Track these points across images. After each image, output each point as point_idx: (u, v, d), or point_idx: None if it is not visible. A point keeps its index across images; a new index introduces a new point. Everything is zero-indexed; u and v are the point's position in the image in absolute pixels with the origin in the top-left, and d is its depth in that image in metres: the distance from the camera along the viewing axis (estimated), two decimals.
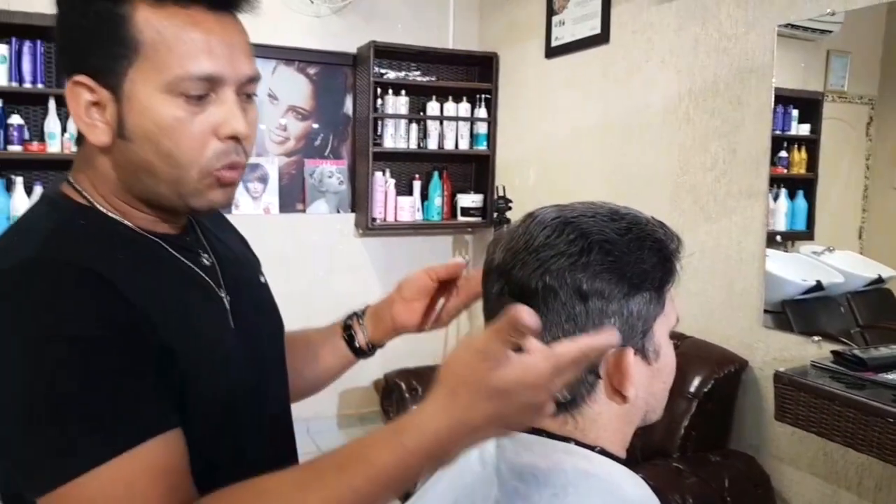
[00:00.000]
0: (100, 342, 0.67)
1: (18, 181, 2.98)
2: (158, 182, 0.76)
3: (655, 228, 0.72)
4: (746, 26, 2.30)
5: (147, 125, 0.73)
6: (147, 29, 0.72)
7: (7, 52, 2.94)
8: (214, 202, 0.79)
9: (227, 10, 0.76)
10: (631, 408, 0.73)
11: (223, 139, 0.76)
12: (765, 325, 2.26)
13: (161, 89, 0.72)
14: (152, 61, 0.72)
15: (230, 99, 0.75)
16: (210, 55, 0.73)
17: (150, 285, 0.75)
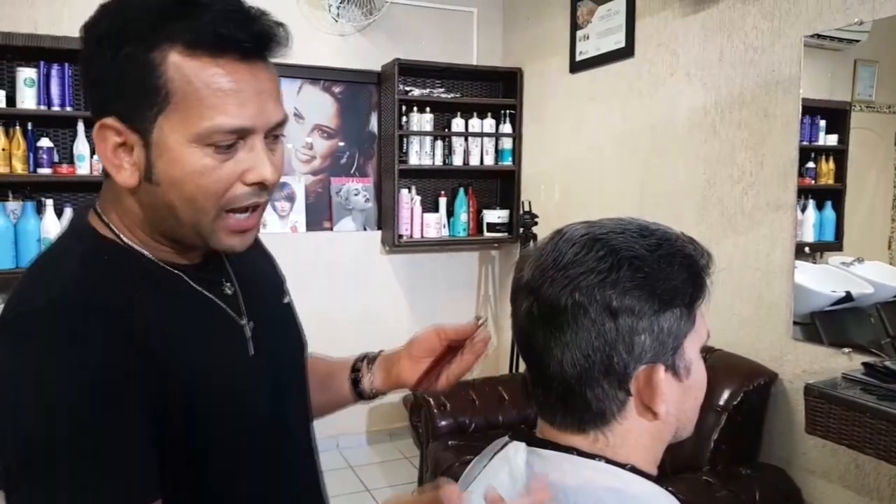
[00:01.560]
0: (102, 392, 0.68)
1: (49, 204, 3.00)
2: (181, 224, 0.76)
3: (685, 244, 0.73)
4: (773, 37, 2.29)
5: (175, 173, 0.73)
6: (178, 78, 0.71)
7: (35, 76, 2.97)
8: (230, 247, 0.79)
9: (256, 57, 0.75)
10: (662, 425, 0.73)
11: (249, 184, 0.76)
12: (794, 338, 2.24)
13: (191, 139, 0.72)
14: (182, 111, 0.71)
15: (258, 147, 0.75)
16: (240, 107, 0.73)
17: (167, 325, 0.76)
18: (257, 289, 0.91)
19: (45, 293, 0.72)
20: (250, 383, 0.84)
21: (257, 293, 0.90)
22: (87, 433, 0.67)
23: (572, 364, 0.70)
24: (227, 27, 0.71)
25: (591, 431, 0.72)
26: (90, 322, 0.70)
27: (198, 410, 0.76)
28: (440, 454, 2.67)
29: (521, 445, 0.77)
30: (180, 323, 0.78)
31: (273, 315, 0.93)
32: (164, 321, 0.76)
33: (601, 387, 0.70)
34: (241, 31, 0.72)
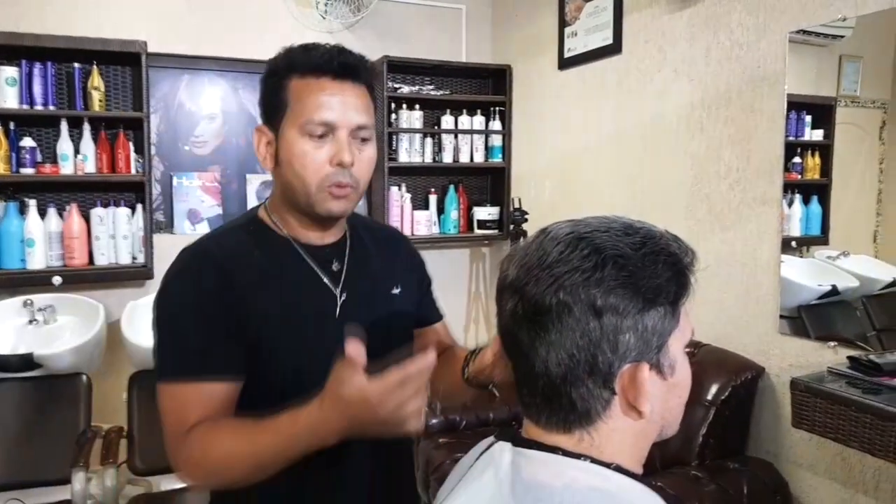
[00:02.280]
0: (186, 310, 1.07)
1: (32, 204, 2.97)
2: (296, 194, 1.11)
3: (669, 242, 0.73)
4: (758, 34, 2.30)
5: (287, 155, 1.09)
6: (294, 92, 1.08)
7: (17, 75, 2.92)
8: (331, 209, 1.11)
9: (346, 79, 1.08)
10: (647, 423, 0.73)
11: (334, 165, 1.08)
12: (781, 332, 2.25)
13: (297, 131, 1.08)
14: (294, 112, 1.08)
15: (342, 139, 1.08)
16: (328, 109, 1.07)
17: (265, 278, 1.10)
18: (366, 273, 1.20)
19: (196, 242, 1.15)
20: (328, 339, 1.08)
21: (364, 276, 1.19)
22: (175, 324, 1.08)
23: (557, 363, 0.70)
24: (325, 59, 1.08)
25: (576, 431, 0.72)
26: (202, 263, 1.10)
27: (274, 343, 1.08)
28: (431, 452, 2.66)
29: (506, 445, 0.77)
30: (281, 279, 1.12)
31: (370, 295, 1.20)
32: (267, 277, 1.10)
33: (586, 386, 0.70)
34: (333, 62, 1.08)
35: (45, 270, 2.98)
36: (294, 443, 0.95)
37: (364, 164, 1.11)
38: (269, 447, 0.97)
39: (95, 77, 3.05)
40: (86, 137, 3.05)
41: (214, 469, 1.01)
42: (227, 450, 1.00)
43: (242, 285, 1.08)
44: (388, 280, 1.25)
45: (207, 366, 1.05)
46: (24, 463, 2.54)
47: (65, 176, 3.02)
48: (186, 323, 1.07)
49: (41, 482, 2.50)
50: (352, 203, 1.13)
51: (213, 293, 1.07)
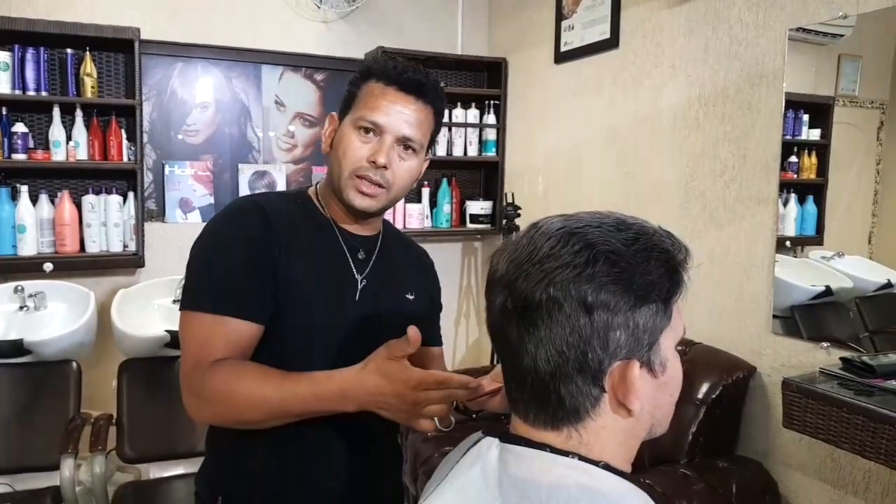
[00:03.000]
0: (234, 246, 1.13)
1: (24, 190, 2.96)
2: (332, 177, 1.20)
3: (663, 239, 0.72)
4: (757, 31, 2.28)
5: (338, 142, 1.20)
6: (363, 92, 1.18)
7: (10, 60, 2.90)
8: (352, 201, 1.18)
9: (410, 93, 1.17)
10: (636, 422, 0.72)
11: (368, 162, 1.16)
12: (773, 332, 2.24)
13: (352, 123, 1.17)
14: (357, 108, 1.18)
15: (386, 142, 1.16)
16: (383, 113, 1.16)
17: (300, 244, 1.18)
18: (389, 269, 1.28)
19: (246, 195, 1.27)
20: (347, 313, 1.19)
21: (386, 273, 1.27)
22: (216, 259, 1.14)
23: (546, 360, 0.69)
24: (397, 71, 1.17)
25: (564, 428, 0.71)
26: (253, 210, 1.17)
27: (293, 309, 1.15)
28: (419, 445, 2.66)
29: (494, 441, 0.76)
30: (313, 250, 1.20)
31: (387, 291, 1.27)
32: (302, 243, 1.18)
33: (575, 383, 0.69)
34: (402, 75, 1.17)
35: (36, 257, 2.97)
36: (321, 398, 1.01)
37: (402, 171, 1.19)
38: (297, 396, 1.02)
39: (88, 63, 3.03)
40: (78, 124, 3.03)
41: (236, 405, 1.05)
42: (253, 389, 1.04)
43: (281, 242, 1.15)
44: (405, 285, 1.32)
45: (242, 303, 1.10)
46: (13, 449, 2.53)
47: (56, 162, 3.00)
48: (229, 260, 1.13)
49: (30, 468, 2.50)
50: (378, 203, 1.19)
51: (260, 237, 1.14)
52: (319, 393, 1.01)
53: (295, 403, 1.02)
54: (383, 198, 1.19)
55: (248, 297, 1.11)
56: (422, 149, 1.21)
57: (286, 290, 1.14)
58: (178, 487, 2.48)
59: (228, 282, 1.11)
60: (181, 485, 2.48)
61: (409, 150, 1.18)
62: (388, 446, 1.34)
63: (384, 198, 1.19)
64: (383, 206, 1.21)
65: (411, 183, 1.24)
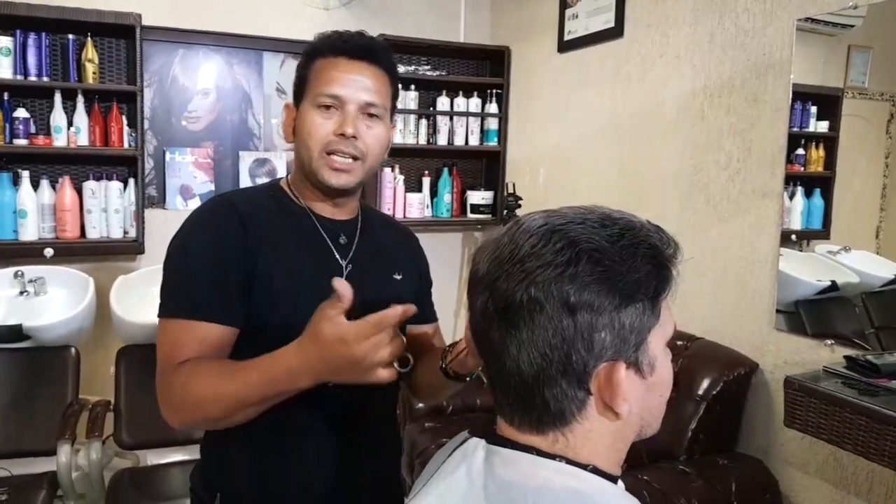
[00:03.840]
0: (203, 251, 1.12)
1: (25, 175, 2.97)
2: (303, 162, 1.18)
3: (650, 234, 0.68)
4: (764, 21, 2.24)
5: (300, 125, 1.17)
6: (314, 71, 1.17)
7: (11, 45, 2.90)
8: (328, 180, 1.16)
9: (361, 59, 1.16)
10: (625, 424, 0.69)
11: (336, 134, 1.14)
12: (776, 328, 2.21)
13: (310, 103, 1.16)
14: (311, 88, 1.16)
15: (348, 112, 1.14)
16: (339, 84, 1.14)
17: (278, 238, 1.15)
18: (372, 253, 1.25)
19: (219, 195, 1.23)
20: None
21: (370, 255, 1.24)
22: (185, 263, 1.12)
23: (529, 363, 0.66)
24: (342, 41, 1.17)
25: (550, 432, 0.69)
26: (225, 211, 1.15)
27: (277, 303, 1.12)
28: (416, 436, 2.65)
29: (480, 443, 0.74)
30: (292, 243, 1.17)
31: (373, 273, 1.24)
32: (279, 238, 1.16)
33: (559, 386, 0.67)
34: (349, 43, 1.17)
35: (37, 242, 2.98)
36: (273, 380, 0.97)
37: (371, 139, 1.16)
38: (250, 385, 0.99)
39: (90, 49, 3.02)
40: (79, 110, 3.03)
41: (196, 404, 1.03)
42: (208, 385, 1.01)
43: (257, 241, 1.13)
44: (391, 265, 1.29)
45: (208, 307, 1.08)
46: (11, 433, 2.54)
47: (58, 148, 3.00)
48: (197, 265, 1.11)
49: (27, 453, 2.50)
50: (354, 177, 1.17)
51: (231, 240, 1.12)
52: (270, 377, 0.98)
53: (251, 392, 0.99)
54: (358, 170, 1.17)
55: (217, 300, 1.09)
56: (385, 114, 1.19)
57: (266, 289, 1.12)
58: (175, 474, 2.47)
59: (196, 285, 1.10)
60: (178, 472, 2.48)
61: (373, 118, 1.17)
62: (389, 439, 1.32)
63: (359, 170, 1.17)
64: (359, 180, 1.19)
65: (383, 152, 1.21)
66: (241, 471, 1.18)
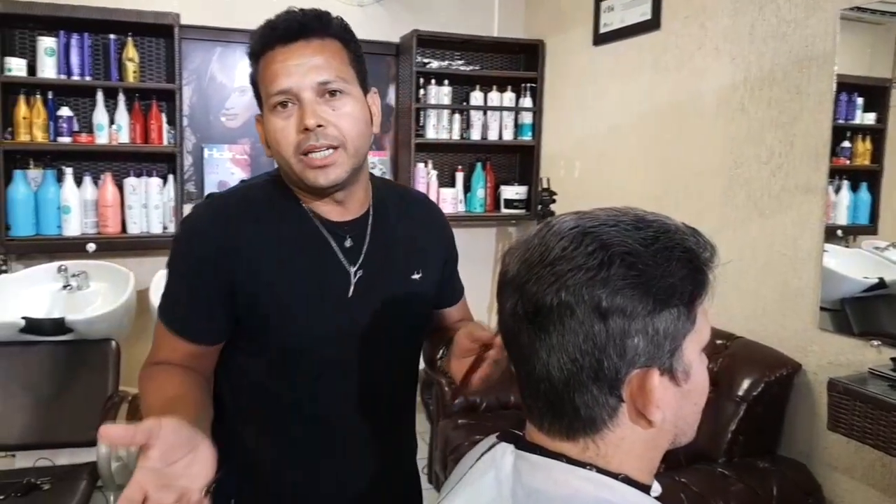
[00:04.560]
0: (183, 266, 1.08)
1: (68, 172, 3.04)
2: (287, 174, 1.07)
3: (686, 237, 0.66)
4: (807, 11, 2.17)
5: (269, 135, 1.06)
6: (259, 72, 1.06)
7: (55, 45, 2.97)
8: (315, 181, 1.04)
9: (296, 39, 1.03)
10: (658, 432, 0.67)
11: (301, 132, 1.02)
12: (820, 327, 2.15)
13: (268, 108, 1.04)
14: (263, 92, 1.05)
15: (304, 101, 1.02)
16: (284, 76, 1.02)
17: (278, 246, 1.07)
18: (386, 254, 1.14)
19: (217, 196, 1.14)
20: (336, 317, 1.09)
21: (383, 257, 1.14)
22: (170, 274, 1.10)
23: (559, 368, 0.65)
24: (270, 30, 1.05)
25: (580, 439, 0.67)
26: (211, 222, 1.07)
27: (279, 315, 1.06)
28: (450, 433, 2.64)
29: (508, 448, 0.72)
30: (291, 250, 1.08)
31: (386, 278, 1.14)
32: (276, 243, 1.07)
33: (590, 392, 0.65)
34: (277, 29, 1.04)
35: (79, 237, 3.05)
36: None
37: (343, 120, 1.03)
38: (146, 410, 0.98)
39: (130, 48, 3.07)
40: (120, 108, 3.10)
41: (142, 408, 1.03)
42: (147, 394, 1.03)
43: (249, 252, 1.05)
44: (409, 263, 1.18)
45: (181, 323, 1.08)
46: (53, 424, 2.59)
47: (100, 145, 3.07)
48: (177, 278, 1.10)
49: (69, 443, 2.54)
50: (341, 168, 1.04)
51: (211, 258, 1.05)
52: None
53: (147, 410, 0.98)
54: (342, 159, 1.04)
55: (188, 319, 1.08)
56: (350, 85, 1.05)
57: (265, 300, 1.07)
58: None
59: (173, 302, 1.10)
60: None
61: (336, 95, 1.03)
62: (404, 440, 1.29)
63: (343, 159, 1.04)
64: (351, 168, 1.06)
65: (366, 128, 1.08)
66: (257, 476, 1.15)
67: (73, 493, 2.25)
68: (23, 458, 2.58)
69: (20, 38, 3.02)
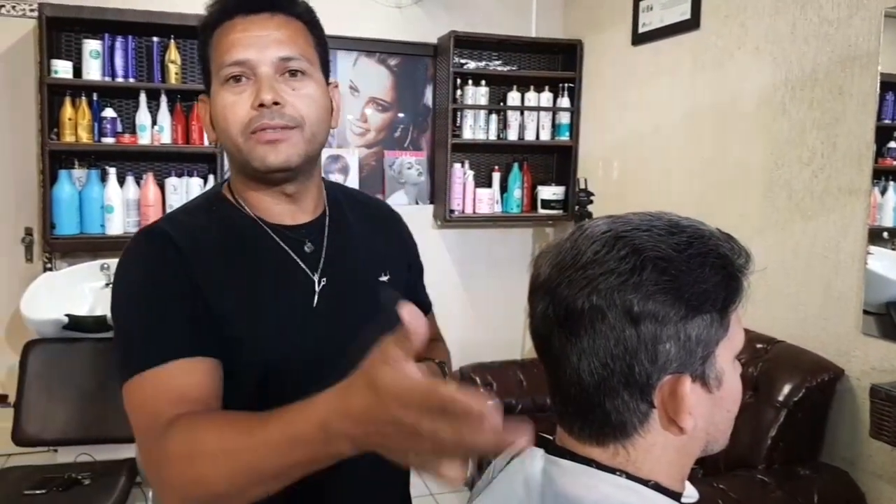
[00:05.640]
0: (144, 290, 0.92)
1: (112, 172, 3.10)
2: (232, 154, 0.96)
3: (720, 243, 0.65)
4: (850, 10, 2.12)
5: (215, 113, 0.95)
6: (212, 44, 0.96)
7: (100, 48, 3.03)
8: (264, 159, 0.93)
9: (259, 11, 0.94)
10: (689, 439, 0.67)
11: (255, 108, 0.92)
12: (864, 332, 2.10)
13: (219, 82, 0.94)
14: (215, 65, 0.95)
15: (262, 76, 0.93)
16: (242, 47, 0.93)
17: (222, 266, 0.95)
18: (349, 257, 1.04)
19: (150, 225, 0.99)
20: (305, 330, 0.97)
21: (346, 260, 1.04)
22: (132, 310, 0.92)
23: (590, 372, 0.65)
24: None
25: (610, 444, 0.67)
26: (158, 243, 0.94)
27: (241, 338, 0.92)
28: None
29: (538, 452, 0.72)
30: (242, 267, 0.96)
31: (353, 284, 1.04)
32: (227, 261, 0.95)
33: (621, 398, 0.65)
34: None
35: (122, 236, 3.10)
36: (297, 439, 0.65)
37: (303, 101, 0.94)
38: (268, 443, 0.68)
39: (172, 51, 3.13)
40: (163, 109, 3.15)
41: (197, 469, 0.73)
42: (214, 442, 0.73)
43: (202, 273, 0.92)
44: (375, 265, 1.09)
45: (176, 344, 0.87)
46: (94, 420, 2.64)
47: (142, 146, 3.13)
48: (146, 305, 0.91)
49: (109, 439, 2.59)
50: (297, 148, 0.94)
51: (172, 271, 0.91)
52: (294, 433, 0.65)
53: (266, 455, 0.67)
54: (299, 140, 0.94)
55: (181, 337, 0.88)
56: (313, 68, 0.97)
57: (224, 324, 0.92)
58: None
59: (150, 332, 0.89)
60: None
61: (297, 75, 0.95)
62: None
63: (299, 140, 0.94)
64: (305, 153, 0.95)
65: (325, 115, 0.99)
66: None
67: (112, 488, 2.31)
68: (64, 454, 2.63)
69: (66, 41, 3.10)
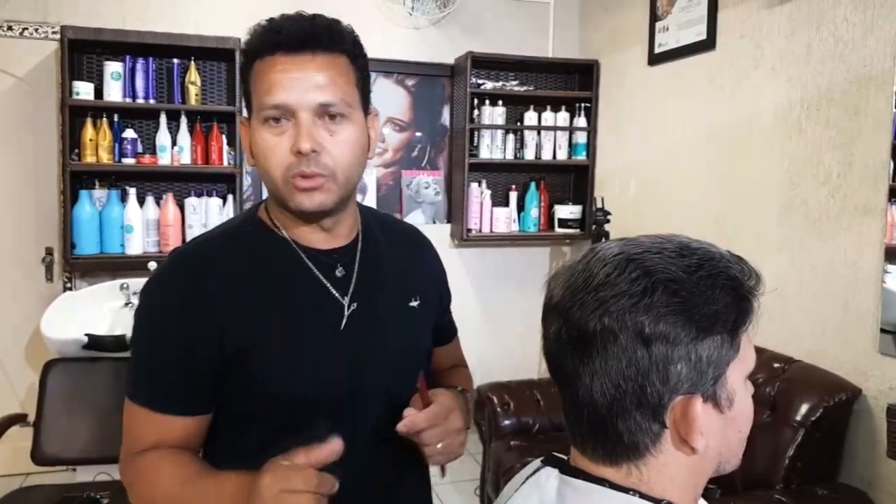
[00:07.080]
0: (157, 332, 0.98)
1: (132, 192, 3.14)
2: (270, 190, 0.98)
3: (730, 265, 0.67)
4: (865, 31, 2.13)
5: (256, 148, 0.96)
6: (253, 78, 0.96)
7: (122, 70, 3.09)
8: (301, 204, 0.95)
9: (303, 51, 0.93)
10: (701, 459, 0.68)
11: (294, 154, 0.93)
12: (881, 351, 2.08)
13: (258, 120, 0.95)
14: (256, 100, 0.95)
15: (301, 122, 0.93)
16: (283, 89, 0.92)
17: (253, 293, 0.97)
18: (380, 281, 1.06)
19: (183, 249, 1.06)
20: (332, 353, 1.00)
21: (378, 284, 1.05)
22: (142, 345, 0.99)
23: (602, 393, 0.66)
24: (274, 32, 0.94)
25: (623, 464, 0.68)
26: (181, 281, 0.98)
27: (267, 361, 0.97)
28: (502, 454, 2.64)
29: (553, 472, 0.74)
30: (275, 288, 0.99)
31: (384, 308, 1.06)
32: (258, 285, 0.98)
33: (633, 418, 0.66)
34: (282, 33, 0.93)
35: (141, 256, 3.14)
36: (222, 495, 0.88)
37: (339, 149, 0.95)
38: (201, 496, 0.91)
39: (192, 72, 3.18)
40: (182, 130, 3.19)
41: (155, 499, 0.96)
42: (166, 486, 0.93)
43: (227, 306, 0.96)
44: (405, 291, 1.10)
45: (165, 399, 0.97)
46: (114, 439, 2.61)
47: (162, 166, 3.17)
48: (153, 350, 0.98)
49: None
50: (331, 196, 0.96)
51: (193, 311, 0.96)
52: (220, 490, 0.89)
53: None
54: (332, 186, 0.95)
55: (173, 394, 0.97)
56: (352, 109, 0.96)
57: (251, 347, 0.96)
58: None
59: (154, 375, 0.98)
60: None
61: (336, 119, 0.94)
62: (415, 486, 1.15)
63: (334, 186, 0.96)
64: (339, 198, 0.97)
65: (361, 155, 0.99)
66: None
67: None
68: (83, 473, 2.62)
69: (88, 62, 3.16)
